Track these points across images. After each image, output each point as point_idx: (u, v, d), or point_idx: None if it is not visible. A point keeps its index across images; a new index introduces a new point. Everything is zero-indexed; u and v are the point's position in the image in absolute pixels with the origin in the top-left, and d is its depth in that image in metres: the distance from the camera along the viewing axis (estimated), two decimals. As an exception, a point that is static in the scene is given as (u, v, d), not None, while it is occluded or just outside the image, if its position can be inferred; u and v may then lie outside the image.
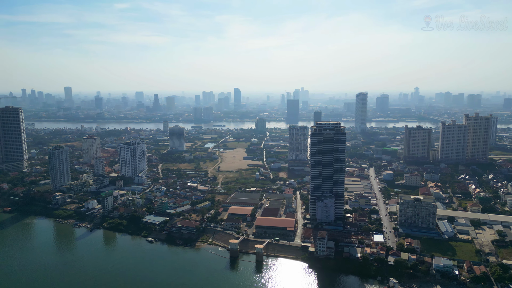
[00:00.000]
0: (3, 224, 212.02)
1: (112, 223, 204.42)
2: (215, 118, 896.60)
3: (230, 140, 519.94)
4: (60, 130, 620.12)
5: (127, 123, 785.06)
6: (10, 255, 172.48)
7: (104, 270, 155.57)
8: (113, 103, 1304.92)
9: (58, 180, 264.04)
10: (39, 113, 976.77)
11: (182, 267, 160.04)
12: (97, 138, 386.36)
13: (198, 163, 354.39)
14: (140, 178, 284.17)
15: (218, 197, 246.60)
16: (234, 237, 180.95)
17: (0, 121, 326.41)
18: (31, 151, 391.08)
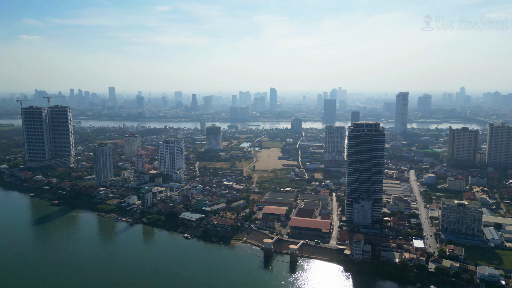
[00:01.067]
0: (51, 216, 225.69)
1: (151, 218, 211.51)
2: (251, 117, 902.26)
3: (265, 140, 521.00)
4: (104, 128, 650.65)
5: (166, 122, 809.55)
6: (58, 245, 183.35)
7: (143, 264, 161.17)
8: (154, 103, 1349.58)
9: (102, 176, 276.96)
10: (85, 111, 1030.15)
11: (217, 264, 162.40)
12: (138, 136, 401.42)
13: (234, 162, 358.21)
14: (178, 176, 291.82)
15: (253, 196, 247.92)
16: (268, 236, 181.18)
17: (50, 119, 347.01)
18: (78, 147, 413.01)
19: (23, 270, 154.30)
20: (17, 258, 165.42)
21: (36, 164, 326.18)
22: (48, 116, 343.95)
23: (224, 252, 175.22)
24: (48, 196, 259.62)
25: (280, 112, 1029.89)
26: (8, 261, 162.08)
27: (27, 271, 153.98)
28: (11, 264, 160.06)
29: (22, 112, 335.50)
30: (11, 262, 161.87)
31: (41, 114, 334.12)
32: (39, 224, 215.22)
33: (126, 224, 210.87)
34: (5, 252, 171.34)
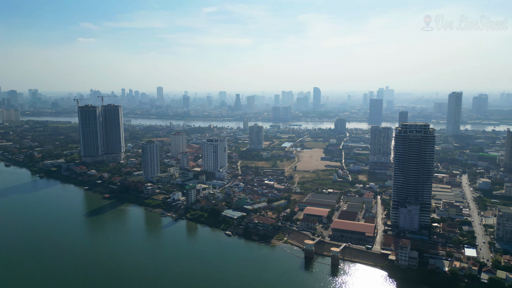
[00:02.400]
0: (103, 209, 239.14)
1: (194, 214, 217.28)
2: (293, 117, 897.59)
3: (308, 140, 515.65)
4: (152, 126, 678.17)
5: (210, 121, 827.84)
6: (107, 237, 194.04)
7: (186, 258, 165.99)
8: (199, 102, 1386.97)
9: (149, 172, 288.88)
10: (135, 110, 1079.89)
11: (258, 263, 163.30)
12: (184, 134, 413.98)
13: (275, 161, 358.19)
14: (220, 174, 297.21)
15: (294, 196, 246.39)
16: (309, 237, 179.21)
17: (103, 117, 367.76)
18: (128, 144, 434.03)
19: (76, 259, 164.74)
20: (71, 247, 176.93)
21: (90, 159, 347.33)
22: (101, 114, 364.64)
23: (265, 251, 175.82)
24: (100, 189, 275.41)
25: (323, 112, 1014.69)
26: (62, 249, 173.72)
27: (80, 259, 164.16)
28: (65, 252, 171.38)
29: (78, 111, 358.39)
30: (65, 250, 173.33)
31: (95, 113, 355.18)
32: (92, 216, 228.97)
33: (171, 219, 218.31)
34: (60, 240, 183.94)
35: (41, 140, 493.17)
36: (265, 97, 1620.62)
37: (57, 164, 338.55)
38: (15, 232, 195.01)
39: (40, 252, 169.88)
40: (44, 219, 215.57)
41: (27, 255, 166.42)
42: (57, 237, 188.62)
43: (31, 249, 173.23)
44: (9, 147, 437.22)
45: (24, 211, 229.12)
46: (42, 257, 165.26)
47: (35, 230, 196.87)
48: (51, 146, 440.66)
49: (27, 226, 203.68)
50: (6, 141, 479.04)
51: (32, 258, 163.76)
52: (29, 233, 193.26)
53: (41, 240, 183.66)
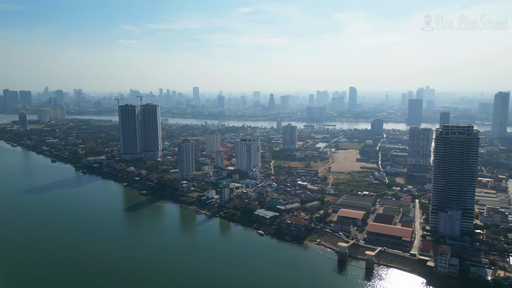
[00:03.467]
0: (140, 205, 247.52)
1: (227, 213, 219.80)
2: (328, 117, 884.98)
3: (343, 141, 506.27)
4: (188, 125, 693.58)
5: (244, 120, 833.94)
6: (144, 232, 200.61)
7: (219, 256, 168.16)
8: (233, 102, 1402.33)
9: (185, 170, 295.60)
10: (171, 110, 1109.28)
11: (290, 263, 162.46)
12: (218, 134, 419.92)
13: (309, 162, 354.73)
14: (253, 173, 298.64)
15: (328, 197, 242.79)
16: (343, 240, 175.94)
17: (141, 116, 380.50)
18: (164, 143, 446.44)
19: (115, 251, 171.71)
20: (110, 241, 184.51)
21: (129, 156, 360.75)
22: (140, 113, 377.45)
23: (297, 252, 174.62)
24: (138, 186, 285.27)
25: (359, 112, 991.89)
26: (102, 243, 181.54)
27: (118, 252, 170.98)
28: (104, 246, 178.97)
29: (118, 110, 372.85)
30: (104, 244, 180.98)
31: (134, 112, 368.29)
32: (130, 211, 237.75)
33: (205, 216, 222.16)
34: (100, 234, 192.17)
35: (85, 137, 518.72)
36: (299, 97, 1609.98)
37: (98, 161, 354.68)
38: (60, 223, 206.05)
39: (82, 242, 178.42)
40: (86, 213, 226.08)
41: (70, 244, 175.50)
42: (97, 230, 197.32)
43: (73, 239, 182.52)
44: (55, 144, 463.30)
45: (68, 205, 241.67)
46: (83, 247, 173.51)
47: (77, 223, 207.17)
48: (93, 143, 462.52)
49: (70, 219, 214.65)
50: (53, 138, 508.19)
51: (74, 247, 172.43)
52: (71, 225, 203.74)
53: (82, 233, 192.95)
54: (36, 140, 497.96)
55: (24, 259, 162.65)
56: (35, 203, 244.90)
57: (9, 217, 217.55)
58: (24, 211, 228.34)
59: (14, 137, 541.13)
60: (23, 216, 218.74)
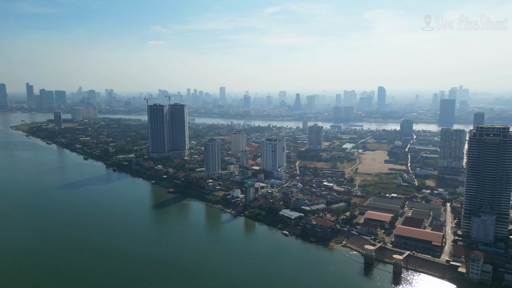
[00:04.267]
0: (167, 202, 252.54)
1: (252, 212, 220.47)
2: (355, 117, 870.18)
3: (371, 142, 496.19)
4: (214, 125, 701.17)
5: (270, 120, 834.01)
6: (171, 229, 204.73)
7: (243, 255, 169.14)
8: (259, 102, 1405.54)
9: (211, 169, 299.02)
10: (198, 109, 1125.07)
11: (315, 264, 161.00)
12: (244, 133, 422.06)
13: (335, 163, 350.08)
14: (278, 173, 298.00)
15: (354, 199, 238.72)
16: (370, 243, 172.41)
17: (169, 115, 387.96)
18: (191, 142, 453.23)
19: (143, 248, 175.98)
20: (138, 237, 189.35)
21: (157, 155, 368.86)
22: (168, 113, 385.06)
23: (322, 253, 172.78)
24: (165, 184, 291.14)
25: (388, 112, 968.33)
26: (130, 239, 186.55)
27: (145, 250, 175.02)
28: (132, 242, 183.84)
29: (147, 109, 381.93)
30: (132, 240, 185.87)
31: (162, 111, 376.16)
32: (157, 208, 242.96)
33: (230, 215, 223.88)
34: (129, 230, 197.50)
35: (115, 136, 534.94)
36: (326, 97, 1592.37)
37: (128, 159, 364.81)
38: (90, 219, 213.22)
39: (112, 239, 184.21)
40: (115, 210, 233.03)
41: (100, 240, 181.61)
42: (127, 226, 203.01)
43: (102, 236, 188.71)
44: (87, 142, 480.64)
45: (98, 201, 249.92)
46: (112, 243, 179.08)
47: (107, 219, 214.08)
48: (123, 141, 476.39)
49: (101, 215, 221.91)
50: (85, 137, 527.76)
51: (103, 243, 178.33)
52: (102, 220, 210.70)
53: (113, 228, 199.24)
54: (69, 138, 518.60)
55: (55, 252, 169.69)
56: (67, 198, 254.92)
57: (43, 212, 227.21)
58: (57, 206, 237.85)
59: (49, 135, 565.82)
60: (56, 211, 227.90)
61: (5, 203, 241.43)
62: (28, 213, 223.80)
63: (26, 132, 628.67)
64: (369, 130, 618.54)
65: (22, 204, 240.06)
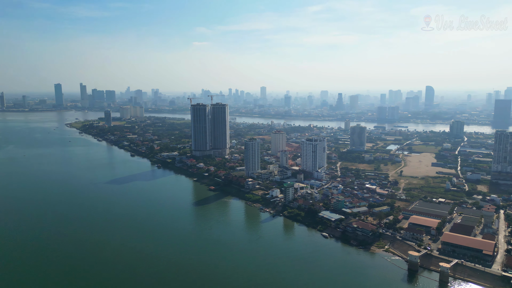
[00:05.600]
0: (208, 199, 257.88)
1: (291, 212, 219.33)
2: (401, 118, 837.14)
3: (417, 143, 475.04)
4: (254, 124, 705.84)
5: (310, 120, 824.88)
6: (211, 226, 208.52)
7: (282, 255, 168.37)
8: (300, 102, 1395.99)
9: (250, 168, 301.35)
10: (239, 109, 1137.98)
11: (355, 268, 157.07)
12: (284, 133, 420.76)
13: (378, 165, 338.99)
14: (319, 174, 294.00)
15: (398, 203, 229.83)
16: (414, 249, 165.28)
17: (211, 114, 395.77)
18: (232, 141, 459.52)
19: (183, 243, 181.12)
20: (179, 233, 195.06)
21: (199, 153, 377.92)
22: (210, 112, 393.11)
23: (363, 257, 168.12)
24: (207, 181, 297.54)
25: (436, 113, 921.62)
26: (172, 234, 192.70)
27: (186, 244, 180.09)
28: (174, 234, 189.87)
29: (191, 108, 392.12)
30: (174, 235, 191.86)
31: (205, 110, 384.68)
32: (198, 205, 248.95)
33: (269, 215, 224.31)
34: (171, 226, 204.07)
35: (160, 134, 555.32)
36: (370, 97, 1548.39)
37: (172, 156, 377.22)
38: (134, 214, 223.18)
39: (155, 233, 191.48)
40: (159, 205, 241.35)
41: (146, 234, 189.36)
42: (170, 222, 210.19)
43: (145, 229, 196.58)
44: (134, 139, 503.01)
45: (143, 196, 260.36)
46: (156, 238, 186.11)
47: (152, 214, 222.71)
48: (167, 140, 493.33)
49: (145, 210, 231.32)
50: (132, 134, 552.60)
51: (148, 237, 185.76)
52: (147, 215, 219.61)
53: (156, 222, 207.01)
54: (118, 135, 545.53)
55: (101, 246, 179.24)
56: (114, 193, 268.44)
57: (92, 205, 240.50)
58: (104, 200, 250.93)
59: (100, 132, 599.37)
60: (103, 204, 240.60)
61: (59, 194, 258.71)
62: (77, 204, 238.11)
63: (79, 129, 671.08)
64: (415, 132, 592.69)
65: (73, 196, 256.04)
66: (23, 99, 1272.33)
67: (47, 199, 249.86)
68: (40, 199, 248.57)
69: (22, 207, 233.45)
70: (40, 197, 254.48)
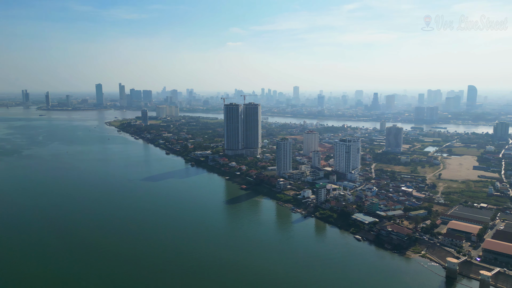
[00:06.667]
0: (240, 198, 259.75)
1: (323, 214, 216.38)
2: (440, 119, 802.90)
3: (457, 145, 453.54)
4: (287, 124, 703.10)
5: (344, 120, 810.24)
6: (242, 225, 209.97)
7: (313, 257, 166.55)
8: (333, 101, 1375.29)
9: (282, 168, 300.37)
10: (272, 109, 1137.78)
11: (389, 273, 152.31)
12: (317, 133, 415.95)
13: (415, 167, 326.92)
14: (352, 175, 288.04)
15: (436, 207, 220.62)
16: (453, 255, 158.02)
17: (244, 114, 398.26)
18: (264, 140, 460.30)
19: (215, 241, 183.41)
20: (211, 230, 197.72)
21: (231, 152, 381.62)
22: (243, 112, 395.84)
23: (398, 262, 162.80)
24: (238, 180, 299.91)
25: (479, 114, 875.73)
26: (205, 232, 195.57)
27: (218, 242, 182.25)
28: (207, 235, 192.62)
29: (224, 108, 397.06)
30: (207, 233, 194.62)
31: (238, 110, 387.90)
32: (230, 204, 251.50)
33: (300, 215, 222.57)
34: (204, 224, 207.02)
35: (194, 133, 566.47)
36: (407, 96, 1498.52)
37: (205, 155, 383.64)
38: (170, 211, 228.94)
39: (188, 231, 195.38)
40: (193, 202, 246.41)
41: (180, 231, 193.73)
42: (202, 220, 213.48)
43: (179, 226, 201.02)
44: (169, 138, 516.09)
45: (177, 194, 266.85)
46: (189, 235, 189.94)
47: (185, 212, 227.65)
48: (201, 138, 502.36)
49: (179, 207, 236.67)
50: (167, 133, 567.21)
51: (182, 234, 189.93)
52: (180, 212, 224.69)
53: (189, 220, 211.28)
54: (154, 134, 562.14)
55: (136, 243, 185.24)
56: (149, 190, 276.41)
57: (127, 202, 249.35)
58: (139, 197, 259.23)
59: (137, 131, 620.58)
60: (138, 201, 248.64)
61: (98, 190, 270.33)
62: (114, 200, 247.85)
63: (118, 127, 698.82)
64: (455, 133, 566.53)
65: (110, 192, 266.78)
66: (66, 98, 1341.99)
67: (87, 195, 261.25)
68: (80, 195, 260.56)
69: (67, 200, 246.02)
70: (81, 193, 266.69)
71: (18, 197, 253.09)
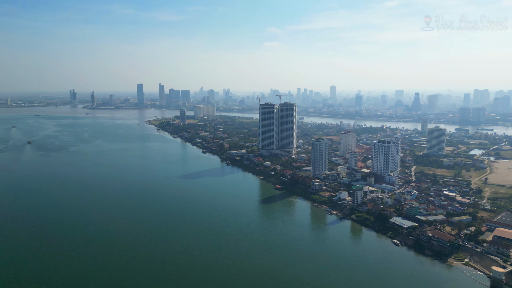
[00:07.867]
0: (274, 198, 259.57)
1: (360, 216, 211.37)
2: (487, 120, 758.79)
3: (506, 149, 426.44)
4: (323, 124, 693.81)
5: (383, 121, 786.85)
6: (276, 225, 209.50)
7: (349, 260, 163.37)
8: (372, 102, 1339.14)
9: (317, 169, 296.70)
10: (307, 109, 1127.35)
11: (429, 281, 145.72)
12: (354, 134, 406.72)
13: (459, 170, 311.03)
14: (391, 178, 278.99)
15: (482, 213, 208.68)
16: (499, 264, 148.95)
17: (279, 114, 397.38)
18: (299, 141, 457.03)
19: (246, 241, 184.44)
20: (243, 229, 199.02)
21: (266, 152, 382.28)
22: (278, 111, 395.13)
23: (439, 270, 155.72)
24: (273, 180, 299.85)
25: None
26: (239, 231, 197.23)
27: (250, 242, 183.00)
28: (241, 234, 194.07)
29: (259, 108, 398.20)
30: (241, 232, 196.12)
31: (273, 110, 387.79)
32: (264, 203, 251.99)
33: (335, 217, 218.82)
34: (238, 223, 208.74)
35: (230, 132, 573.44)
36: (451, 97, 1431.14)
37: (240, 154, 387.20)
38: (205, 208, 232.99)
39: (223, 228, 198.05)
40: (228, 201, 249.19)
41: (214, 229, 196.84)
42: (237, 218, 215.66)
43: (214, 224, 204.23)
44: (206, 137, 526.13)
45: (213, 192, 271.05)
46: (224, 233, 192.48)
47: (220, 210, 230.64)
48: (236, 138, 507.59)
49: (214, 205, 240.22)
50: (204, 132, 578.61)
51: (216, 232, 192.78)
52: (215, 210, 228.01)
53: (224, 218, 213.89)
54: (191, 133, 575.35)
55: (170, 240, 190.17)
56: (186, 187, 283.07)
57: (165, 198, 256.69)
58: (176, 194, 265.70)
59: (175, 129, 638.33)
60: (176, 199, 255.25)
61: (138, 186, 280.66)
62: (152, 197, 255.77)
63: (157, 126, 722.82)
64: (504, 135, 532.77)
65: (149, 188, 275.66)
66: (110, 98, 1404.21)
67: (127, 189, 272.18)
68: (121, 189, 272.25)
69: (108, 195, 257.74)
70: (123, 186, 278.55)
71: (63, 192, 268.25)
